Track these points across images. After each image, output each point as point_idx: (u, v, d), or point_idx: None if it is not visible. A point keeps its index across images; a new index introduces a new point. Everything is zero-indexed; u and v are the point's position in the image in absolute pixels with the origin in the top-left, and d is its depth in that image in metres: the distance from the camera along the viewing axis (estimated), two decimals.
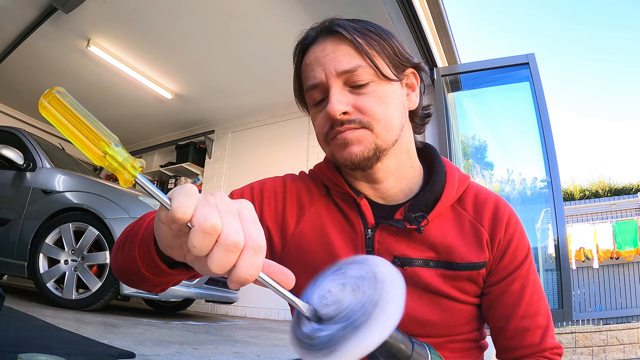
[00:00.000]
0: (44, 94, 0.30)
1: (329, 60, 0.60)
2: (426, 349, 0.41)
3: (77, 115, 0.30)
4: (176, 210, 0.30)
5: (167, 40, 3.80)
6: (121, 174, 0.32)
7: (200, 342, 1.92)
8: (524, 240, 0.66)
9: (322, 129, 0.63)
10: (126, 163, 0.31)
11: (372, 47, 0.61)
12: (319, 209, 0.67)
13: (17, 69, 4.34)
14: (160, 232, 0.36)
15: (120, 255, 0.51)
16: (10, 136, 3.15)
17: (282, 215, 0.67)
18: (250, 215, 0.33)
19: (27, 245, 2.56)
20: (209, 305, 4.74)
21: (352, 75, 0.60)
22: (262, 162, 4.95)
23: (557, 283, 2.87)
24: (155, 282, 0.49)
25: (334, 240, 0.64)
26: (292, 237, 0.66)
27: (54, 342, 1.33)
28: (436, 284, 0.61)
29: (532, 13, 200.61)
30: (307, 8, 3.17)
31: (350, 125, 0.60)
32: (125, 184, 0.32)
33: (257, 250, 0.30)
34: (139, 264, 0.46)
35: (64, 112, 0.30)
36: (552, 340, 0.62)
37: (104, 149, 0.31)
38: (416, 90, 0.68)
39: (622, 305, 6.34)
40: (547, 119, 3.07)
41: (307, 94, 0.65)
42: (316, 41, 0.64)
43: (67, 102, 0.31)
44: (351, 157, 0.60)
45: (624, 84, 79.83)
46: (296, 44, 0.67)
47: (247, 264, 0.30)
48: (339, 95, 0.60)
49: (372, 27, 0.63)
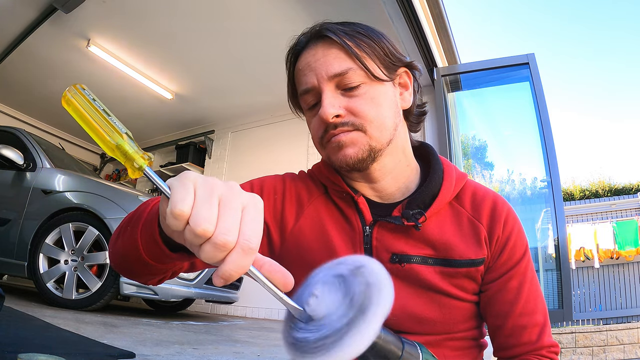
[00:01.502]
0: (68, 88, 0.34)
1: (320, 65, 0.61)
2: (417, 348, 0.40)
3: (97, 109, 0.34)
4: (172, 211, 0.31)
5: (167, 40, 3.80)
6: (130, 165, 0.34)
7: (200, 342, 1.92)
8: (522, 237, 0.66)
9: (317, 133, 0.64)
10: (135, 155, 0.34)
11: (362, 49, 0.61)
12: (317, 207, 0.68)
13: (17, 69, 4.34)
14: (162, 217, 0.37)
15: (121, 241, 0.51)
16: (10, 136, 3.15)
17: (281, 212, 0.68)
18: (253, 213, 0.32)
19: (27, 245, 2.56)
20: (209, 305, 4.74)
21: (343, 78, 0.60)
22: (262, 162, 4.95)
23: (557, 283, 2.87)
24: (154, 269, 0.49)
25: (332, 237, 0.64)
26: (291, 234, 0.67)
27: (54, 342, 1.33)
28: (435, 281, 0.61)
29: (532, 13, 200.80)
30: (308, 8, 3.17)
31: (343, 127, 0.60)
32: (133, 175, 0.35)
33: (246, 251, 0.30)
34: (140, 248, 0.46)
35: (85, 105, 0.34)
36: (549, 338, 0.63)
37: (117, 141, 0.34)
38: (409, 89, 0.68)
39: (622, 305, 6.34)
40: (547, 119, 3.07)
41: (301, 98, 0.66)
42: (307, 46, 0.65)
43: (89, 97, 0.34)
44: (346, 159, 0.61)
45: (625, 83, 79.90)
46: (288, 50, 0.68)
47: (234, 262, 0.30)
48: (331, 98, 0.60)
49: (361, 30, 0.64)
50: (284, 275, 0.34)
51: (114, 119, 0.34)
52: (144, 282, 0.55)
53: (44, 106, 5.26)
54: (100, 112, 0.34)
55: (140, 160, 0.34)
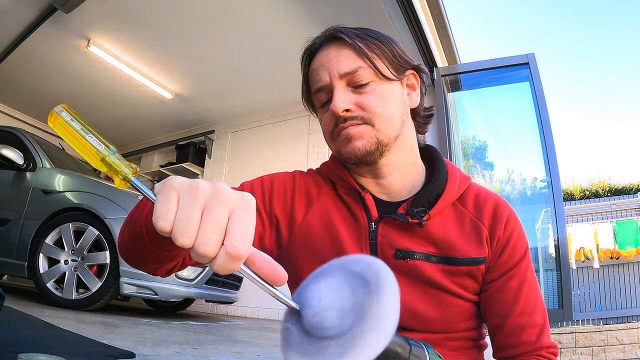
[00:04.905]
0: (50, 112, 0.36)
1: (333, 64, 0.65)
2: (424, 349, 0.40)
3: (78, 131, 0.36)
4: (155, 226, 0.32)
5: (167, 40, 3.80)
6: (116, 178, 0.36)
7: (200, 342, 1.92)
8: (523, 238, 0.68)
9: (328, 127, 0.68)
10: (119, 168, 0.36)
11: (372, 50, 0.65)
12: (326, 202, 0.70)
13: (17, 69, 4.34)
14: None
15: (128, 230, 0.53)
16: (10, 136, 3.15)
17: (291, 207, 0.69)
18: (242, 215, 0.32)
19: (27, 245, 2.56)
20: (209, 305, 4.75)
21: (353, 76, 0.64)
22: (262, 162, 4.95)
23: (557, 283, 2.87)
24: (159, 256, 0.50)
25: (339, 232, 0.66)
26: (299, 227, 0.68)
27: (54, 342, 1.33)
28: (437, 278, 0.63)
29: (532, 13, 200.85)
30: (308, 9, 3.17)
31: (353, 121, 0.64)
32: (120, 186, 0.36)
33: (233, 257, 0.30)
34: (145, 235, 0.47)
35: (66, 130, 0.36)
36: (548, 339, 0.63)
37: (102, 157, 0.36)
38: (417, 90, 0.72)
39: (622, 305, 6.34)
40: (547, 119, 3.07)
41: (314, 96, 0.70)
42: (321, 48, 0.69)
43: (70, 119, 0.36)
44: (354, 151, 0.64)
45: (625, 83, 79.90)
46: (303, 51, 0.73)
47: (221, 266, 0.31)
48: (341, 94, 0.64)
49: (372, 33, 0.68)
50: (274, 270, 0.33)
51: (98, 135, 0.36)
52: (151, 272, 0.56)
53: (44, 106, 5.26)
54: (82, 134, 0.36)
55: (127, 170, 0.35)
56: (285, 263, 0.71)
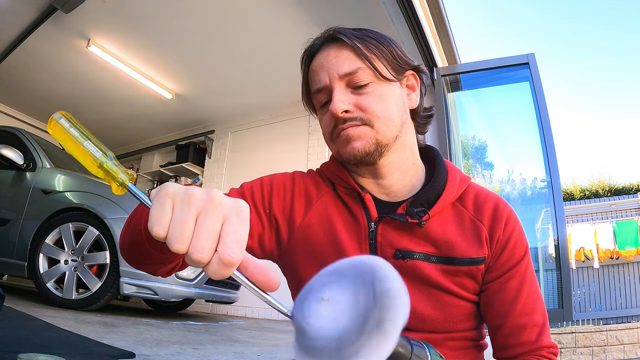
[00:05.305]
0: (49, 119, 0.37)
1: (332, 65, 0.65)
2: (426, 349, 0.40)
3: (77, 138, 0.36)
4: (151, 232, 0.32)
5: (167, 40, 3.80)
6: (113, 183, 0.37)
7: (200, 342, 1.92)
8: (522, 238, 0.68)
9: (328, 128, 0.68)
10: (116, 174, 0.36)
11: (371, 51, 0.65)
12: (326, 202, 0.70)
13: (17, 69, 4.34)
14: None
15: (128, 233, 0.53)
16: (10, 136, 3.16)
17: (291, 207, 0.69)
18: (235, 222, 0.32)
19: (27, 245, 2.56)
20: (209, 305, 4.74)
21: (353, 77, 0.64)
22: (262, 162, 4.95)
23: (557, 283, 2.87)
24: (159, 258, 0.50)
25: (339, 232, 0.66)
26: (299, 228, 0.68)
27: (54, 342, 1.33)
28: (437, 278, 0.63)
29: (532, 13, 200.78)
30: (308, 8, 3.17)
31: (352, 122, 0.64)
32: (116, 192, 0.37)
33: (226, 263, 0.31)
34: (144, 237, 0.48)
35: (64, 136, 0.37)
36: (548, 339, 0.63)
37: (99, 163, 0.36)
38: (416, 90, 0.72)
39: (622, 305, 6.34)
40: (547, 119, 3.07)
41: (314, 97, 0.70)
42: (321, 49, 0.69)
43: (69, 126, 0.37)
44: (354, 151, 0.64)
45: (625, 83, 79.89)
46: (303, 52, 0.72)
47: (214, 272, 0.31)
48: (341, 95, 0.64)
49: (372, 34, 0.68)
50: (267, 276, 0.33)
51: (96, 142, 0.37)
52: (152, 272, 0.56)
53: (44, 106, 5.26)
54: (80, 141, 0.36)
55: (123, 176, 0.36)
56: (286, 263, 0.71)
